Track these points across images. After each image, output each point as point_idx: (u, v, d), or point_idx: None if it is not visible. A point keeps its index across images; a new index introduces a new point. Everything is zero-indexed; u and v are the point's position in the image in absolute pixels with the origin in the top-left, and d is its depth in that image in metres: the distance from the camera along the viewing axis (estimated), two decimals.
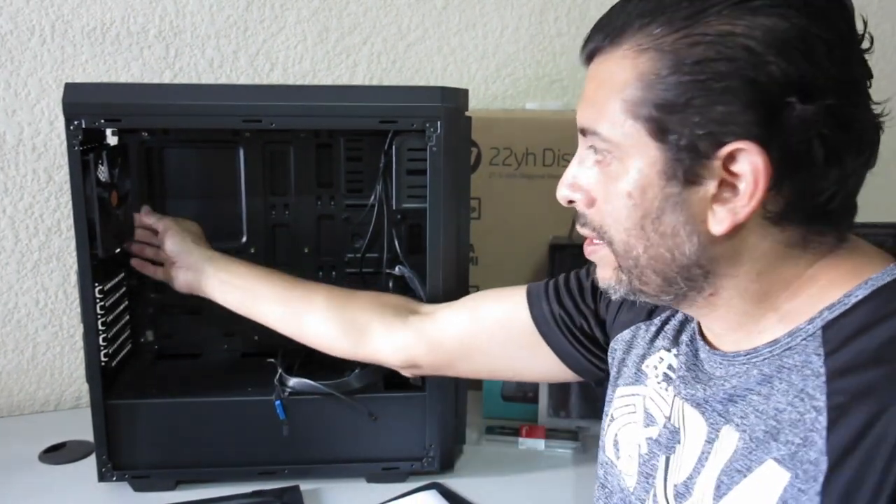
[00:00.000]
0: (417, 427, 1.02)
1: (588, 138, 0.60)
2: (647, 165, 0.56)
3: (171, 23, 1.24)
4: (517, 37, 1.40)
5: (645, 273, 0.59)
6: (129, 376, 1.06)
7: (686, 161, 0.54)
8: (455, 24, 1.37)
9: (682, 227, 0.56)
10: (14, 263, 1.23)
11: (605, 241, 0.61)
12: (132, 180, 1.07)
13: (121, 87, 1.02)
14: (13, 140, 1.19)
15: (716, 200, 0.54)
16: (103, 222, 0.95)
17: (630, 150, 0.56)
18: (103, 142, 1.01)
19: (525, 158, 1.22)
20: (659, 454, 0.66)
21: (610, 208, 0.59)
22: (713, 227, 0.55)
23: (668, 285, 0.59)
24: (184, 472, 1.01)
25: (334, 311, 0.94)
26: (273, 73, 1.30)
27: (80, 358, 1.28)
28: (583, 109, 0.61)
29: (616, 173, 0.58)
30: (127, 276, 1.09)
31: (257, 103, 0.94)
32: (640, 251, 0.58)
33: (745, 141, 0.52)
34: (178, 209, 1.09)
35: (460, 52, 1.38)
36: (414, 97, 0.96)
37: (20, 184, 1.20)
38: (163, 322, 1.14)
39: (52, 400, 1.29)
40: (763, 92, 0.51)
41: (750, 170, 0.52)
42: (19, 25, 1.17)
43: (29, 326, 1.26)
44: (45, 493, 1.00)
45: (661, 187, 0.55)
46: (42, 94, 1.19)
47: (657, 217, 0.56)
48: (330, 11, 1.31)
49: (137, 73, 1.23)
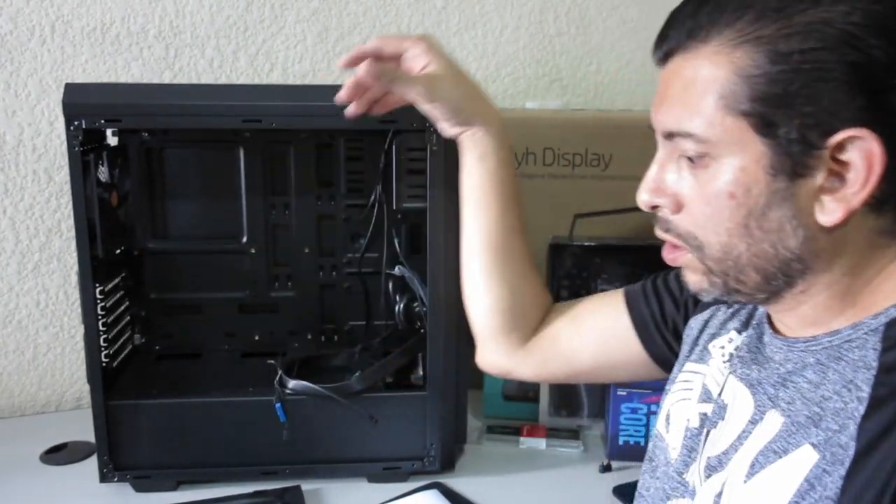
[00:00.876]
0: (418, 427, 1.02)
1: (676, 141, 0.58)
2: (752, 162, 0.54)
3: (171, 23, 1.24)
4: (517, 36, 1.40)
5: (744, 271, 0.58)
6: (130, 377, 1.06)
7: (795, 154, 0.53)
8: (455, 23, 1.37)
9: (787, 221, 0.55)
10: (14, 264, 1.23)
11: (691, 247, 0.60)
12: (132, 180, 1.07)
13: (121, 88, 1.02)
14: (13, 141, 1.19)
15: (823, 191, 0.54)
16: (103, 222, 0.95)
17: (730, 147, 0.55)
18: (103, 142, 1.01)
19: (525, 158, 1.22)
20: (705, 429, 0.67)
21: (709, 211, 0.57)
22: (822, 219, 0.54)
23: (767, 282, 0.58)
24: (185, 473, 1.00)
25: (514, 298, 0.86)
26: (273, 73, 1.30)
27: (80, 359, 1.28)
28: (667, 111, 0.58)
29: (714, 174, 0.56)
30: (127, 277, 1.09)
31: (257, 103, 0.93)
32: (742, 249, 0.57)
33: (858, 128, 0.51)
34: (178, 209, 1.10)
35: (460, 52, 1.38)
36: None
37: (20, 184, 1.20)
38: (163, 323, 1.14)
39: (53, 401, 1.29)
40: (868, 76, 0.50)
41: (863, 157, 0.51)
42: (19, 26, 1.17)
43: (30, 327, 1.26)
44: (46, 495, 1.00)
45: (768, 183, 0.54)
46: (42, 95, 1.19)
47: (763, 213, 0.55)
48: (329, 11, 1.31)
49: (137, 74, 1.23)
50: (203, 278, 1.13)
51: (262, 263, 1.12)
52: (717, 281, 0.60)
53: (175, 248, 1.12)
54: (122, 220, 1.07)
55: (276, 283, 1.14)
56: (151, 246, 1.11)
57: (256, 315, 1.15)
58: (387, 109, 0.86)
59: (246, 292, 1.14)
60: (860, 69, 0.50)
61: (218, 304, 1.14)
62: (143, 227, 1.10)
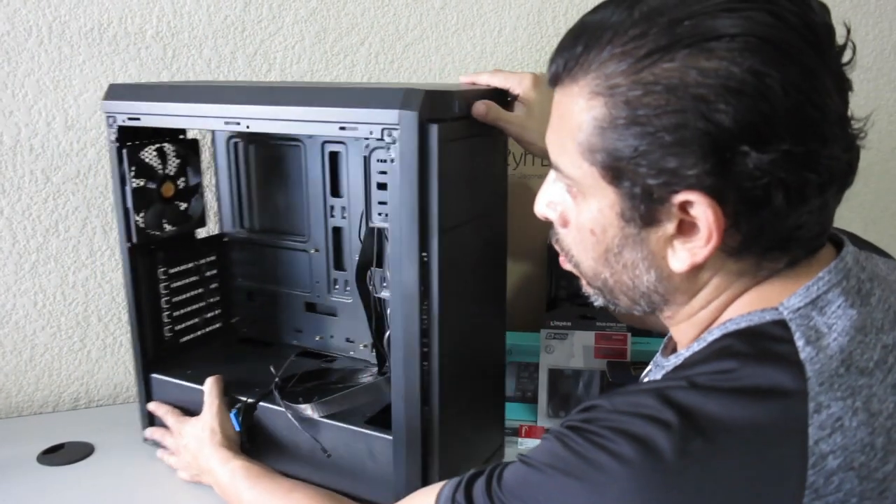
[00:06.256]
0: (383, 469, 0.90)
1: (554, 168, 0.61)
2: (607, 206, 0.56)
3: (169, 23, 1.23)
4: (515, 37, 1.41)
5: (613, 293, 0.62)
6: (194, 353, 1.14)
7: (641, 207, 0.54)
8: (453, 24, 1.37)
9: (641, 262, 0.57)
10: (12, 265, 1.22)
11: (570, 261, 0.63)
12: (215, 174, 1.18)
13: (148, 87, 1.03)
14: (10, 141, 1.19)
15: (677, 237, 0.55)
16: (149, 210, 1.05)
17: (589, 189, 0.57)
18: (148, 138, 1.06)
19: (523, 159, 1.22)
20: None
21: (579, 238, 0.60)
22: (672, 265, 0.56)
23: (635, 305, 0.61)
24: None
25: None
26: (271, 74, 1.30)
27: (78, 359, 1.28)
28: (549, 137, 0.60)
29: (580, 208, 0.59)
30: (216, 261, 1.18)
31: (238, 105, 0.89)
32: (606, 276, 0.60)
33: (696, 192, 0.51)
34: (261, 202, 1.16)
35: (458, 53, 1.38)
36: (374, 100, 0.81)
37: (17, 185, 1.20)
38: (249, 308, 1.21)
39: (51, 401, 1.29)
40: (714, 142, 0.49)
41: (704, 218, 0.52)
42: (16, 26, 1.16)
43: (27, 328, 1.25)
44: (44, 495, 0.99)
45: (621, 227, 0.56)
46: (39, 95, 1.19)
47: (619, 252, 0.58)
48: (328, 11, 1.31)
49: (135, 74, 1.23)
50: (280, 271, 1.17)
51: (323, 266, 1.12)
52: (596, 293, 0.64)
53: (257, 240, 1.18)
54: (188, 208, 1.12)
55: (335, 286, 1.13)
56: (238, 235, 1.19)
57: (319, 315, 1.15)
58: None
59: (310, 292, 1.15)
60: (707, 135, 0.49)
61: (290, 299, 1.17)
62: (233, 217, 1.18)
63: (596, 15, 0.55)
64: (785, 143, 0.49)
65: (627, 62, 0.51)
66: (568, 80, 0.56)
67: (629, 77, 0.51)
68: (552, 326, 1.20)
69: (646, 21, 0.51)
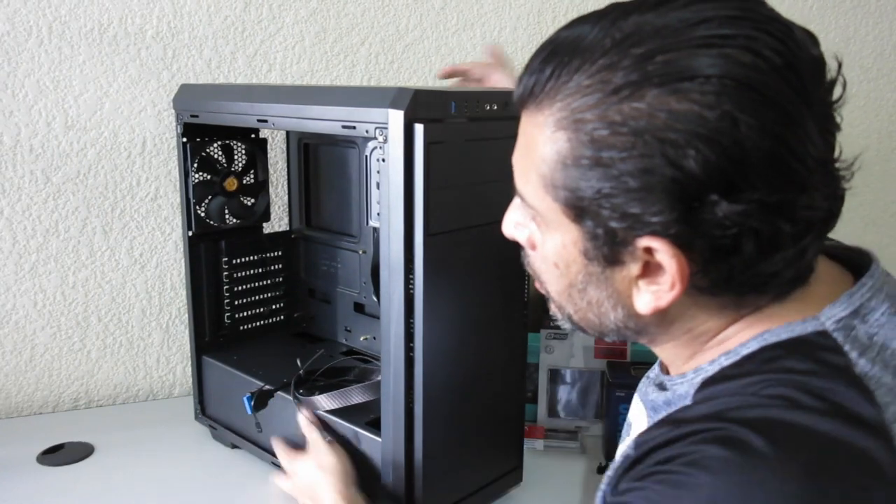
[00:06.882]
0: (371, 467, 0.91)
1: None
2: (570, 242, 0.53)
3: (169, 24, 1.23)
4: (515, 37, 1.40)
5: (580, 325, 0.59)
6: (249, 343, 1.18)
7: (604, 248, 0.51)
8: (453, 24, 1.37)
9: (606, 300, 0.54)
10: (12, 265, 1.22)
11: (543, 290, 0.60)
12: (289, 171, 1.23)
13: (209, 87, 1.10)
14: (10, 141, 1.19)
15: (642, 278, 0.52)
16: (211, 202, 1.12)
17: (552, 223, 0.54)
18: (213, 136, 1.11)
19: None
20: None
21: (543, 268, 0.57)
22: (638, 306, 0.53)
23: (604, 336, 0.58)
24: (235, 438, 1.10)
25: None
26: (271, 74, 1.30)
27: (78, 359, 1.28)
28: (514, 159, 0.56)
29: (544, 239, 0.56)
30: (283, 257, 1.22)
31: (267, 104, 0.95)
32: (571, 310, 0.58)
33: (661, 239, 0.48)
34: (324, 201, 1.19)
35: (458, 53, 1.38)
36: (372, 99, 0.82)
37: (18, 185, 1.20)
38: (309, 304, 1.24)
39: (51, 401, 1.29)
40: (682, 190, 0.46)
41: (667, 265, 0.49)
42: (16, 26, 1.16)
43: (27, 328, 1.25)
44: (44, 495, 0.99)
45: (584, 265, 0.53)
46: (39, 96, 1.19)
47: (583, 289, 0.55)
48: (328, 12, 1.31)
49: (135, 74, 1.23)
50: (337, 270, 1.19)
51: (369, 267, 1.12)
52: (565, 319, 0.60)
53: (319, 238, 1.20)
54: (254, 204, 1.18)
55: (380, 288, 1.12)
56: (304, 233, 1.22)
57: (365, 316, 1.15)
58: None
59: (359, 292, 1.15)
60: (677, 182, 0.46)
61: (343, 298, 1.18)
62: (300, 215, 1.22)
63: (571, 31, 0.51)
64: (758, 191, 0.46)
65: (595, 97, 0.48)
66: (534, 106, 0.52)
67: (595, 112, 0.48)
68: (552, 327, 1.20)
69: (618, 50, 0.48)
